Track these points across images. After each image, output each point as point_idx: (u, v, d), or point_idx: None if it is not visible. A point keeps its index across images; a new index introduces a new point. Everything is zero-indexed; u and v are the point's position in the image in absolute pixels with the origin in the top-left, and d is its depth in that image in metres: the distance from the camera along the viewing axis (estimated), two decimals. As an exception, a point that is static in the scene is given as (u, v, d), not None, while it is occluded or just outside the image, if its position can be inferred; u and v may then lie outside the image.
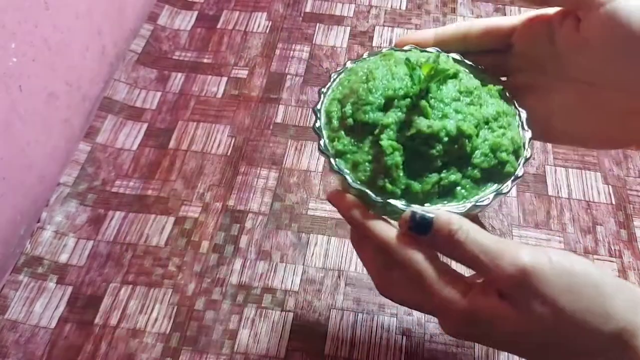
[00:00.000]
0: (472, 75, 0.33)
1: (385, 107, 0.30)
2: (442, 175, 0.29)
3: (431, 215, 0.27)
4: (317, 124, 0.32)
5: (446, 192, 0.30)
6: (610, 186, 0.53)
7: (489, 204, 0.29)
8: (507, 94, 0.34)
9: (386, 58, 0.33)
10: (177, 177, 0.54)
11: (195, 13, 0.67)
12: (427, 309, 0.30)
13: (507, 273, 0.25)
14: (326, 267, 0.48)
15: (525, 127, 0.32)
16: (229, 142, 0.56)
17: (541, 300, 0.25)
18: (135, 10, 0.65)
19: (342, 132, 0.31)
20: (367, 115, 0.30)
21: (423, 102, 0.29)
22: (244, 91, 0.60)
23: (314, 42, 0.64)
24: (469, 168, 0.30)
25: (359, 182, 0.30)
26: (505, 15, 0.67)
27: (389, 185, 0.29)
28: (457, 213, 0.29)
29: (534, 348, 0.27)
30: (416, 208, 0.28)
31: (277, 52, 0.64)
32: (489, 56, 0.36)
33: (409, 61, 0.30)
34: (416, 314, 0.45)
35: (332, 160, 0.30)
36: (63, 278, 0.47)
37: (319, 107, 0.32)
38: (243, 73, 0.62)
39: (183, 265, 0.48)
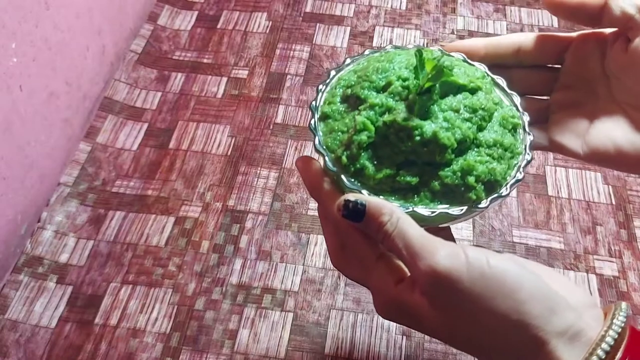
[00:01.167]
0: (498, 98, 0.32)
1: (383, 90, 0.30)
2: (401, 172, 0.29)
3: (364, 202, 0.27)
4: (322, 87, 0.32)
5: (399, 191, 0.29)
6: (610, 186, 0.53)
7: (433, 218, 0.28)
8: (526, 133, 0.32)
9: (409, 52, 0.33)
10: (177, 177, 0.54)
11: (195, 13, 0.67)
12: (367, 287, 0.31)
13: (422, 272, 0.25)
14: (326, 267, 0.48)
15: (520, 170, 0.30)
16: (229, 142, 0.56)
17: (455, 304, 0.25)
18: (136, 10, 0.65)
19: (337, 99, 0.31)
20: (362, 91, 0.30)
21: (413, 96, 0.29)
22: (244, 91, 0.60)
23: (314, 42, 0.64)
24: (433, 178, 0.29)
25: (324, 147, 0.30)
26: (504, 15, 0.67)
27: (344, 159, 0.29)
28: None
29: (458, 342, 0.27)
30: (351, 195, 0.28)
31: (277, 52, 0.64)
32: (537, 72, 0.35)
33: (419, 53, 0.29)
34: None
35: (314, 118, 0.31)
36: (63, 278, 0.47)
37: (334, 73, 0.33)
38: (243, 73, 0.62)
39: (183, 265, 0.48)
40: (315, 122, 0.31)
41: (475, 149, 0.30)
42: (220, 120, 0.58)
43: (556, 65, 0.35)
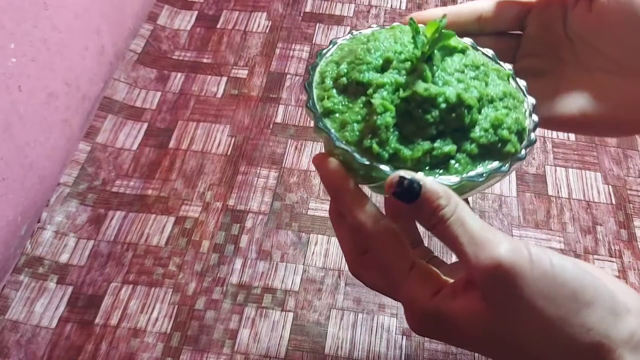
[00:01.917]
0: (481, 55, 0.32)
1: (383, 69, 0.28)
2: (436, 144, 0.27)
3: (420, 182, 0.25)
4: (309, 81, 0.30)
5: (438, 165, 0.27)
6: (610, 186, 0.53)
7: (484, 181, 0.27)
8: (517, 81, 0.32)
9: (391, 29, 0.32)
10: (177, 177, 0.54)
11: (195, 13, 0.67)
12: (395, 298, 0.29)
13: (483, 264, 0.23)
14: (326, 266, 0.48)
15: (533, 115, 0.30)
16: (229, 142, 0.56)
17: (516, 299, 0.23)
18: (135, 10, 0.65)
19: (334, 91, 0.29)
20: (362, 75, 0.28)
21: (423, 65, 0.27)
22: (243, 91, 0.60)
23: (313, 41, 0.64)
24: (467, 142, 0.28)
25: (344, 142, 0.27)
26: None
27: (376, 147, 0.27)
28: (448, 186, 0.26)
29: (501, 350, 0.25)
30: (405, 172, 0.25)
31: (277, 51, 0.64)
32: (500, 39, 0.34)
33: (413, 22, 0.29)
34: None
35: (317, 116, 0.28)
36: (64, 278, 0.47)
37: (314, 66, 0.31)
38: (243, 73, 0.62)
39: (184, 265, 0.48)
40: (321, 121, 0.28)
41: (490, 104, 0.29)
42: (220, 120, 0.58)
43: (519, 32, 0.34)
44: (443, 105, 0.27)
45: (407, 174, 0.25)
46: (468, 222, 0.24)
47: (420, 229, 0.37)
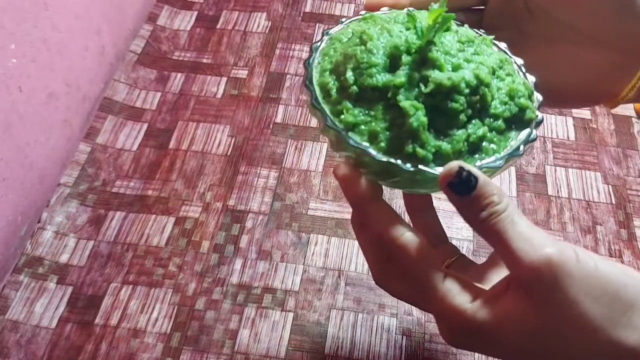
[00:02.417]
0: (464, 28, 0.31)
1: (391, 66, 0.27)
2: (470, 130, 0.27)
3: (477, 176, 0.24)
4: (315, 99, 0.28)
5: (474, 149, 0.27)
6: (610, 186, 0.53)
7: (522, 154, 0.28)
8: (498, 44, 0.32)
9: (368, 20, 0.30)
10: (177, 177, 0.54)
11: (195, 13, 0.67)
12: (424, 309, 0.29)
13: (533, 261, 0.23)
14: (326, 266, 0.48)
15: (526, 73, 0.30)
16: (229, 142, 0.56)
17: (562, 298, 0.23)
18: (135, 11, 0.65)
19: (348, 103, 0.27)
20: (374, 79, 0.27)
21: (434, 54, 0.27)
22: (243, 91, 0.60)
23: (313, 41, 0.64)
24: (491, 119, 0.27)
25: (382, 153, 0.26)
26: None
27: (420, 150, 0.26)
28: (496, 167, 0.27)
29: (543, 352, 0.24)
30: (463, 163, 0.25)
31: (277, 52, 0.64)
32: (463, 15, 0.34)
33: (410, 12, 0.28)
34: (416, 313, 0.46)
35: (345, 134, 0.26)
36: (64, 278, 0.47)
37: (309, 80, 0.29)
38: (243, 73, 0.62)
39: (184, 265, 0.48)
40: (349, 138, 0.27)
41: (494, 75, 0.28)
42: (220, 120, 0.58)
43: (481, 7, 0.34)
44: (467, 91, 0.26)
45: (466, 165, 0.24)
46: (518, 220, 0.24)
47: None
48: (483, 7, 0.34)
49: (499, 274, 0.31)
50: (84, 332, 0.45)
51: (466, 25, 0.32)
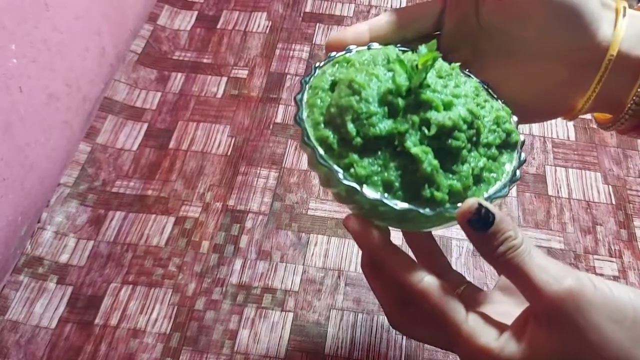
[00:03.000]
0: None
1: (390, 113, 0.27)
2: (472, 164, 0.28)
3: (494, 212, 0.25)
4: (321, 155, 0.28)
5: (477, 180, 0.28)
6: (610, 186, 0.53)
7: (518, 175, 0.29)
8: (464, 71, 0.32)
9: (343, 64, 0.31)
10: (177, 177, 0.54)
11: (195, 13, 0.67)
12: (448, 350, 0.29)
13: (554, 291, 0.24)
14: (326, 267, 0.48)
15: (495, 95, 0.32)
16: (229, 142, 0.56)
17: (586, 325, 0.24)
18: (135, 11, 0.65)
19: (354, 156, 0.27)
20: (377, 128, 0.27)
21: (429, 96, 0.27)
22: (243, 91, 0.60)
23: (313, 41, 0.64)
24: (486, 149, 0.29)
25: (409, 203, 0.27)
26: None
27: (437, 194, 0.26)
28: (503, 195, 0.28)
29: None
30: (481, 200, 0.26)
31: (277, 52, 0.64)
32: (421, 41, 0.34)
33: (399, 57, 0.29)
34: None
35: (364, 189, 0.27)
36: (63, 278, 0.47)
37: (307, 137, 0.28)
38: (243, 73, 0.62)
39: (183, 266, 0.48)
40: (370, 193, 0.27)
41: (473, 102, 0.29)
42: (220, 121, 0.58)
43: (437, 32, 0.34)
44: (464, 127, 0.27)
45: (483, 202, 0.25)
46: (535, 253, 0.25)
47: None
48: (439, 32, 0.34)
49: (511, 301, 0.32)
50: (83, 333, 0.45)
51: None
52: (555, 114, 0.34)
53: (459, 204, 0.26)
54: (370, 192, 0.27)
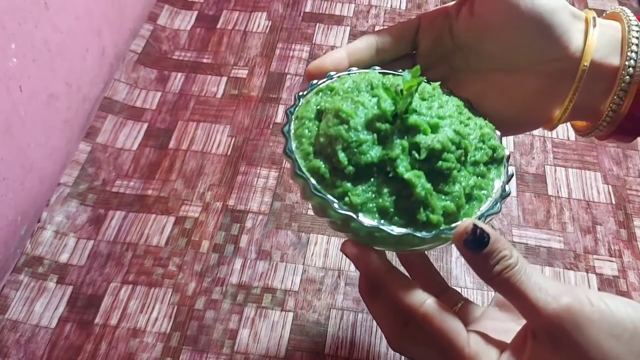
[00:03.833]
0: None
1: (379, 139, 0.28)
2: (463, 184, 0.28)
3: (489, 232, 0.26)
4: (314, 184, 0.28)
5: (469, 199, 0.28)
6: (610, 186, 0.53)
7: (509, 193, 0.30)
8: (444, 88, 0.33)
9: (326, 92, 0.31)
10: (177, 177, 0.54)
11: (195, 13, 0.67)
12: None
13: (552, 309, 0.24)
14: (326, 266, 0.48)
15: (476, 112, 0.32)
16: (229, 142, 0.56)
17: (585, 341, 0.24)
18: (135, 11, 0.65)
19: (347, 184, 0.27)
20: (368, 156, 0.27)
21: (415, 120, 0.28)
22: (243, 91, 0.60)
23: (313, 41, 0.65)
24: (474, 167, 0.29)
25: (396, 227, 0.27)
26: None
27: (433, 216, 0.27)
28: (496, 212, 0.28)
29: None
30: (476, 221, 0.26)
31: (277, 52, 0.64)
32: (399, 63, 0.35)
33: (383, 84, 0.29)
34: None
35: (361, 217, 0.27)
36: (63, 278, 0.47)
37: (299, 169, 0.28)
38: (243, 73, 0.62)
39: (183, 265, 0.48)
40: (366, 221, 0.27)
41: (457, 121, 0.30)
42: (220, 120, 0.58)
43: (413, 52, 0.35)
44: (453, 147, 0.28)
45: (478, 223, 0.26)
46: (530, 272, 0.25)
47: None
48: (414, 51, 0.35)
49: (509, 317, 0.32)
50: (83, 332, 0.45)
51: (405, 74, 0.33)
52: (534, 125, 0.34)
53: (454, 224, 0.27)
54: (366, 220, 0.27)
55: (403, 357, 0.44)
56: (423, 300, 0.27)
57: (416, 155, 0.27)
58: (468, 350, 0.27)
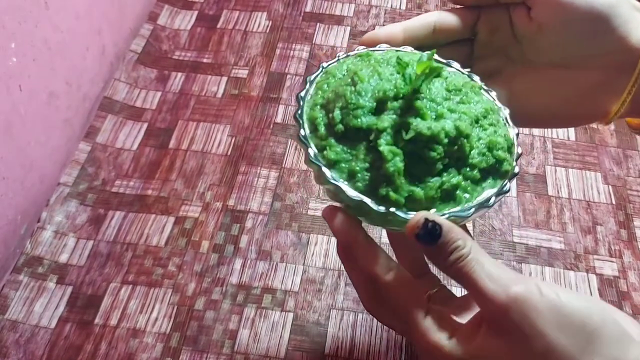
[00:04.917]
0: (453, 73, 0.32)
1: (377, 110, 0.28)
2: (444, 178, 0.28)
3: (440, 224, 0.26)
4: (302, 132, 0.29)
5: (447, 196, 0.28)
6: (610, 186, 0.53)
7: (492, 205, 0.29)
8: (486, 91, 0.33)
9: (364, 58, 0.32)
10: (177, 177, 0.54)
11: (195, 13, 0.67)
12: (410, 341, 0.30)
13: (501, 299, 0.25)
14: (326, 267, 0.48)
15: (510, 124, 0.32)
16: (229, 142, 0.56)
17: (530, 331, 0.24)
18: (135, 10, 0.65)
19: (332, 140, 0.28)
20: (359, 120, 0.28)
21: (419, 103, 0.28)
22: (244, 91, 0.60)
23: (314, 41, 0.64)
24: (468, 169, 0.29)
25: (361, 193, 0.28)
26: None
27: (392, 194, 0.27)
28: (464, 217, 0.28)
29: None
30: (427, 214, 0.26)
31: (277, 51, 0.64)
32: (453, 48, 0.35)
33: (400, 60, 0.29)
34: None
35: (324, 169, 0.28)
36: (63, 278, 0.47)
37: (299, 113, 0.30)
38: (243, 73, 0.62)
39: (183, 265, 0.48)
40: (327, 173, 0.28)
41: (477, 124, 0.30)
42: (220, 120, 0.58)
43: (471, 38, 0.35)
44: (445, 141, 0.28)
45: (430, 216, 0.26)
46: (483, 261, 0.26)
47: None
48: (473, 37, 0.35)
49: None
50: (83, 332, 0.45)
51: (457, 65, 0.33)
52: (589, 118, 0.35)
53: (411, 213, 0.27)
54: (331, 175, 0.28)
55: (403, 356, 0.44)
56: (388, 270, 0.28)
57: (404, 134, 0.28)
58: (422, 324, 0.27)
